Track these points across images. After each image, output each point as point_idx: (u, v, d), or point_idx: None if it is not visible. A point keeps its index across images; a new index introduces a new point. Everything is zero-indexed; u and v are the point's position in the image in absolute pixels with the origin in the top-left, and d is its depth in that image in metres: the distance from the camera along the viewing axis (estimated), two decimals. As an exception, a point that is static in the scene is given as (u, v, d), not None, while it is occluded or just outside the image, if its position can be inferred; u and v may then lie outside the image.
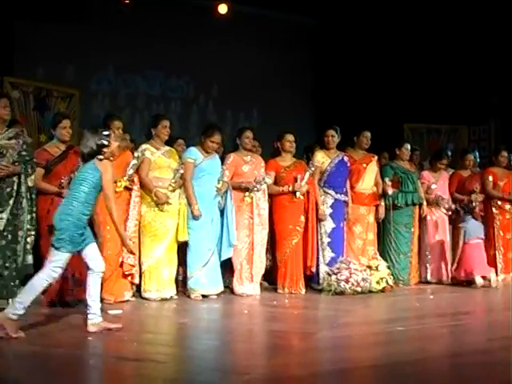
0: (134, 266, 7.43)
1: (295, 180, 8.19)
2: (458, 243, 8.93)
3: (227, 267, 8.13)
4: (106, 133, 5.71)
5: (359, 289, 7.92)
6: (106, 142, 5.62)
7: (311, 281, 8.44)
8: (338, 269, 8.09)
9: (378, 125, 11.40)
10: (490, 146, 12.08)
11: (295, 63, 13.42)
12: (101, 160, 5.60)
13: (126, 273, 7.43)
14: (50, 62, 11.24)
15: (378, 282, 8.15)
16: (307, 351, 5.16)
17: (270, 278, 8.56)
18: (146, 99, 12.87)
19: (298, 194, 8.13)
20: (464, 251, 8.67)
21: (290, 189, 8.16)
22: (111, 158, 5.75)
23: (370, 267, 8.26)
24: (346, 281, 7.94)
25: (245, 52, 12.80)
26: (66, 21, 11.25)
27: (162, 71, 12.93)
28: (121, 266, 7.39)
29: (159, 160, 7.63)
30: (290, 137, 8.42)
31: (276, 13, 13.11)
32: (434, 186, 9.20)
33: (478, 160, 10.03)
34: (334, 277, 8.02)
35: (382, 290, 8.14)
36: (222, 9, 13.03)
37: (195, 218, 7.65)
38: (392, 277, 8.37)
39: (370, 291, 8.05)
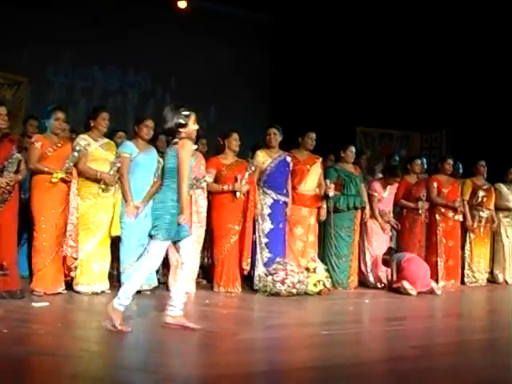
0: (76, 259, 7.30)
1: (236, 180, 8.06)
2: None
3: (164, 263, 7.96)
4: (185, 113, 5.61)
5: (295, 291, 7.81)
6: (183, 122, 5.55)
7: (249, 280, 8.30)
8: (274, 270, 7.97)
9: (331, 126, 11.45)
10: (441, 153, 12.05)
11: (253, 59, 13.33)
12: (176, 143, 5.54)
13: (72, 266, 7.32)
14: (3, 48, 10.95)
15: (314, 285, 8.04)
16: (228, 352, 5.05)
17: (208, 276, 8.42)
18: (102, 93, 12.61)
19: (238, 194, 8.00)
20: (402, 267, 8.58)
21: (230, 188, 8.03)
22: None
23: (307, 269, 8.15)
24: (282, 282, 7.82)
25: (203, 47, 12.65)
26: (25, 6, 11.00)
27: (120, 65, 12.66)
28: (64, 259, 7.26)
29: (96, 152, 7.46)
30: (237, 136, 8.28)
31: (235, 9, 12.99)
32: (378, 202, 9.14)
33: (426, 167, 9.94)
34: (270, 277, 7.91)
35: (319, 293, 8.02)
36: (182, 4, 12.93)
37: (132, 214, 7.46)
38: (330, 280, 8.27)
39: (307, 293, 7.93)
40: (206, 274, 8.49)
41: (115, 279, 7.75)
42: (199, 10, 12.63)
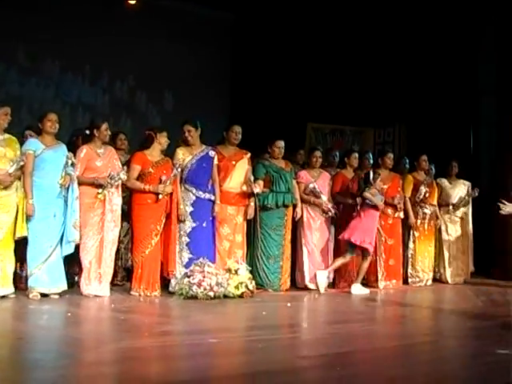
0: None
1: (160, 181, 7.48)
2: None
3: (76, 264, 7.46)
4: None
5: (212, 293, 7.21)
6: None
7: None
8: (191, 271, 7.39)
9: (282, 123, 10.93)
10: (394, 148, 11.44)
11: (213, 57, 12.75)
12: None
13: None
14: None
15: (236, 287, 7.44)
16: (87, 364, 4.44)
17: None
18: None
19: (160, 196, 7.42)
20: None
21: (152, 189, 7.44)
22: None
23: (229, 271, 7.56)
24: (199, 285, 7.22)
25: (162, 46, 12.10)
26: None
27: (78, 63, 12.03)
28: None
29: (-9, 148, 6.92)
30: (166, 134, 7.73)
31: (195, 7, 12.46)
32: (311, 186, 8.50)
33: (372, 162, 9.33)
34: (186, 280, 7.32)
35: (241, 296, 7.43)
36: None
37: (29, 214, 6.93)
38: (253, 282, 7.67)
39: (227, 296, 7.34)
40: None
41: (24, 282, 7.17)
42: (155, 8, 12.11)
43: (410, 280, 9.15)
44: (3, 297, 6.83)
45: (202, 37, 12.58)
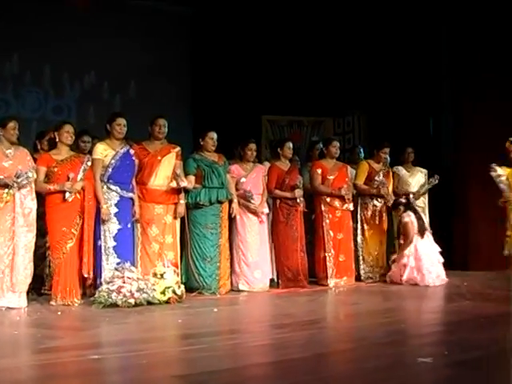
0: None
1: (68, 178, 6.79)
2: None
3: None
4: None
5: (133, 301, 6.48)
6: None
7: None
8: (111, 277, 6.69)
9: (237, 117, 10.31)
10: (354, 138, 10.74)
11: (172, 52, 11.99)
12: None
13: None
14: None
15: (162, 293, 6.72)
16: None
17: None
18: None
19: (67, 194, 6.73)
20: None
21: (58, 188, 6.74)
22: None
23: (155, 275, 6.86)
24: (118, 291, 6.52)
25: (121, 42, 11.30)
26: None
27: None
28: None
29: None
30: (70, 128, 7.02)
31: (152, 2, 11.73)
32: (243, 180, 7.79)
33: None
34: (105, 287, 6.62)
35: (168, 302, 6.73)
36: (81, -4, 11.67)
37: None
38: (182, 286, 6.96)
39: (152, 303, 6.63)
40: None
41: None
42: (118, 4, 11.34)
43: (362, 277, 8.38)
44: None
45: (162, 31, 11.84)
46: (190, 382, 3.98)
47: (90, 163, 6.94)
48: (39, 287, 7.33)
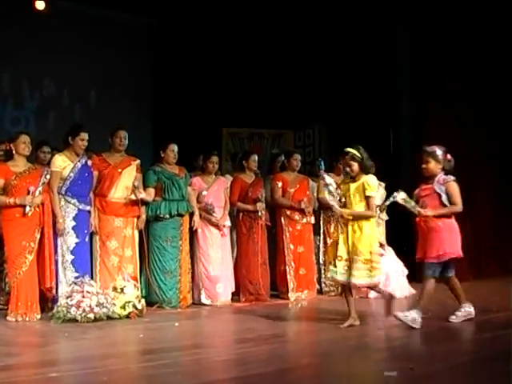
0: None
1: (28, 192, 6.63)
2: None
3: None
4: None
5: (92, 315, 6.35)
6: None
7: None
8: (70, 292, 6.55)
9: (198, 129, 10.24)
10: (315, 150, 10.75)
11: (134, 63, 11.86)
12: None
13: None
14: None
15: (122, 307, 6.61)
16: None
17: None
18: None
19: (27, 208, 6.57)
20: None
21: (18, 201, 6.57)
22: None
23: (115, 289, 6.75)
24: (77, 306, 6.38)
25: (81, 51, 11.10)
26: None
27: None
28: None
29: None
30: (26, 138, 6.85)
31: (116, 13, 11.57)
32: (204, 193, 7.73)
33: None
34: (64, 301, 6.48)
35: (128, 316, 6.61)
36: (40, 5, 11.42)
37: None
38: (142, 300, 6.84)
39: (112, 317, 6.51)
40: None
41: None
42: (79, 14, 11.14)
43: (324, 289, 8.35)
44: None
45: (124, 42, 11.71)
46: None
47: (48, 176, 6.79)
48: (-6, 302, 7.15)
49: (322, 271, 8.31)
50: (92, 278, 6.93)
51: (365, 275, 5.90)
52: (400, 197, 6.08)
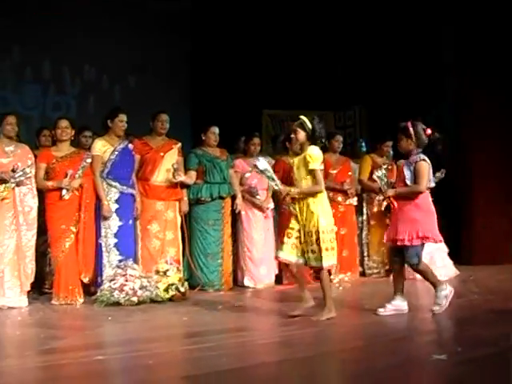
0: None
1: (66, 175, 6.64)
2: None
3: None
4: None
5: (136, 299, 6.34)
6: None
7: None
8: (113, 275, 6.54)
9: (238, 112, 10.13)
10: (355, 132, 10.58)
11: (170, 48, 11.77)
12: None
13: None
14: None
15: (165, 290, 6.58)
16: None
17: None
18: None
19: (64, 192, 6.58)
20: None
21: (55, 185, 6.59)
22: None
23: (157, 272, 6.72)
24: (121, 290, 6.38)
25: (119, 36, 11.07)
26: None
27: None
28: None
29: None
30: (66, 123, 6.85)
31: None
32: (247, 175, 7.63)
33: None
34: (107, 285, 6.47)
35: (171, 299, 6.58)
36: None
37: None
38: (186, 283, 6.80)
39: (155, 301, 6.48)
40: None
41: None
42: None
43: (367, 271, 8.23)
44: None
45: (162, 26, 11.63)
46: (197, 383, 3.86)
47: (89, 160, 6.79)
48: (40, 286, 7.18)
49: (365, 253, 8.16)
50: (135, 261, 6.88)
51: (315, 257, 5.55)
52: (376, 174, 5.83)
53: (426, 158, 5.67)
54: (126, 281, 6.43)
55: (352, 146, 9.03)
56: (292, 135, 5.67)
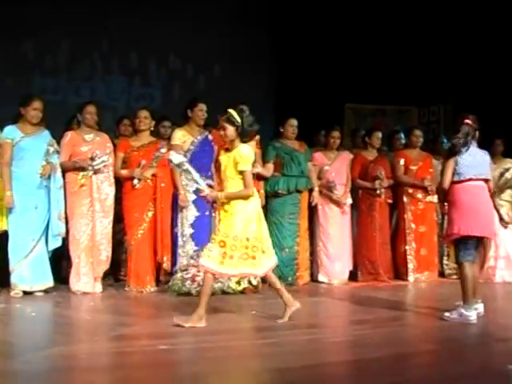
0: None
1: (139, 165, 6.62)
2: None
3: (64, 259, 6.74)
4: None
5: (207, 289, 6.26)
6: None
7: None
8: (186, 265, 6.48)
9: (319, 105, 9.95)
10: (439, 128, 10.21)
11: (254, 39, 11.67)
12: None
13: None
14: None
15: (238, 283, 6.47)
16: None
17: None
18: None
19: (135, 181, 6.58)
20: None
21: (129, 174, 6.64)
22: None
23: (230, 264, 6.59)
24: (193, 280, 6.32)
25: (202, 28, 10.99)
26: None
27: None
28: None
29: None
30: (146, 113, 6.86)
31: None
32: (326, 168, 7.44)
33: (404, 141, 8.16)
34: (180, 274, 6.42)
35: (243, 292, 6.47)
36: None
37: (7, 206, 6.22)
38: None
39: (226, 292, 6.38)
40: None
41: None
42: None
43: (446, 272, 7.91)
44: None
45: (246, 17, 11.54)
46: (263, 379, 3.72)
47: (164, 150, 6.75)
48: (116, 273, 7.23)
49: (445, 252, 7.85)
50: (210, 252, 6.78)
51: (238, 264, 4.92)
52: None
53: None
54: (199, 271, 6.32)
55: (434, 143, 8.69)
56: (221, 132, 5.03)
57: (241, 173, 4.91)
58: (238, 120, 4.90)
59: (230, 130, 4.91)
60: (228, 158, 4.99)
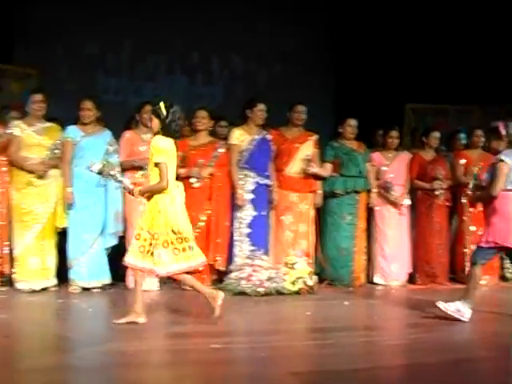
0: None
1: (197, 164, 6.65)
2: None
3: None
4: None
5: (262, 290, 6.24)
6: None
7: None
8: (241, 265, 6.47)
9: (379, 105, 9.82)
10: (502, 129, 9.90)
11: (314, 40, 11.61)
12: None
13: None
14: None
15: (293, 283, 6.42)
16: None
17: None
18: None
19: (193, 180, 6.60)
20: None
21: (186, 173, 6.60)
22: None
23: (286, 264, 6.57)
24: (247, 279, 6.30)
25: (263, 27, 11.04)
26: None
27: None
28: None
29: (28, 137, 6.41)
30: (204, 113, 6.88)
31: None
32: (384, 169, 7.32)
33: (464, 141, 7.98)
34: (235, 274, 6.41)
35: (298, 292, 6.41)
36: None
37: (68, 202, 6.32)
38: (314, 277, 6.61)
39: (281, 293, 6.34)
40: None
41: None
42: None
43: (508, 275, 7.67)
44: (44, 289, 6.33)
45: (305, 17, 11.44)
46: (307, 380, 3.66)
47: (222, 150, 6.76)
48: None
49: (504, 256, 7.61)
50: (266, 252, 6.77)
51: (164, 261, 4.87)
52: None
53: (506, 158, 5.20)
54: (254, 271, 6.35)
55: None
56: (149, 125, 5.09)
57: (156, 165, 4.84)
58: (164, 113, 4.87)
59: (155, 123, 4.94)
60: (150, 152, 4.96)
